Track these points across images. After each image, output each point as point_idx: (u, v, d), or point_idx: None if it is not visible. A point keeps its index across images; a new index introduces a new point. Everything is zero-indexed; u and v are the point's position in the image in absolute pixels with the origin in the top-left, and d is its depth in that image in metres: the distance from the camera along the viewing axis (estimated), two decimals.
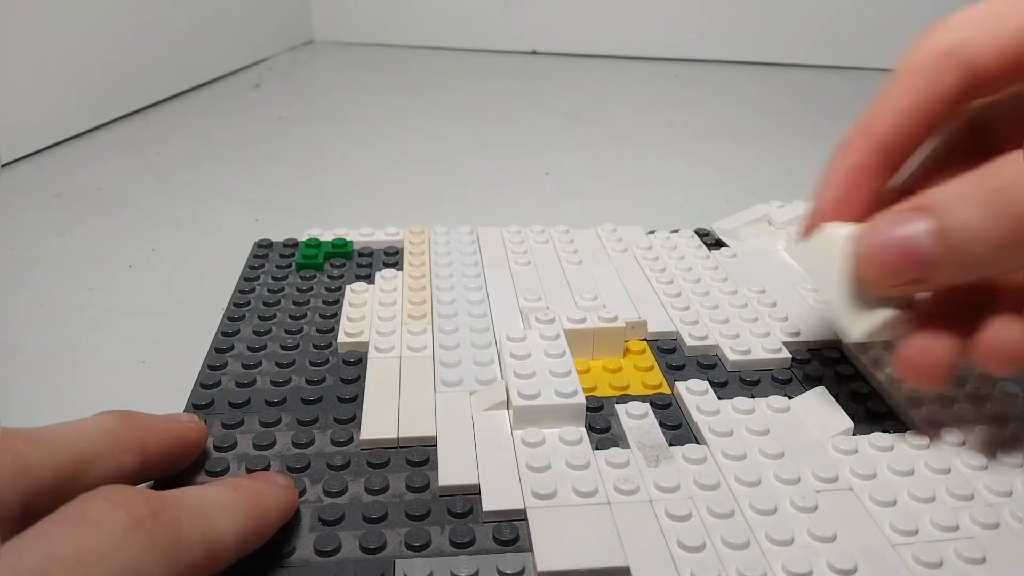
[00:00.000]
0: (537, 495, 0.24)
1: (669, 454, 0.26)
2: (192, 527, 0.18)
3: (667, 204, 0.53)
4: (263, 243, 0.40)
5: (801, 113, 0.76)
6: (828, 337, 0.33)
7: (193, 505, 0.19)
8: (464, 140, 0.66)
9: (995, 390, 0.29)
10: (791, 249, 0.24)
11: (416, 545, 0.22)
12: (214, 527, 0.19)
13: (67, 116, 0.62)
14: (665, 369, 0.31)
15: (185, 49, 0.76)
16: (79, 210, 0.50)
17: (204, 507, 0.19)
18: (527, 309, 0.34)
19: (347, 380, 0.30)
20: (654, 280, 0.37)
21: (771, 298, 0.35)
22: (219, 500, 0.20)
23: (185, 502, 0.19)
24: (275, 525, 0.22)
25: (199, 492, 0.20)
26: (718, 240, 0.42)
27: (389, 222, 0.42)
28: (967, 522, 0.23)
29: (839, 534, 0.22)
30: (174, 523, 0.18)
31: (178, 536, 0.18)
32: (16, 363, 0.34)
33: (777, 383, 0.30)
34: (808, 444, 0.26)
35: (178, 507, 0.18)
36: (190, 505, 0.19)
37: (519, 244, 0.40)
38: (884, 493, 0.24)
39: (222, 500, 0.20)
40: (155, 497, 0.18)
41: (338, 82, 0.85)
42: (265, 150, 0.62)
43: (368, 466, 0.26)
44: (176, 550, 0.18)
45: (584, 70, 0.90)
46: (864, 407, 0.29)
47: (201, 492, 0.21)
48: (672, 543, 0.22)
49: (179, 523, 0.18)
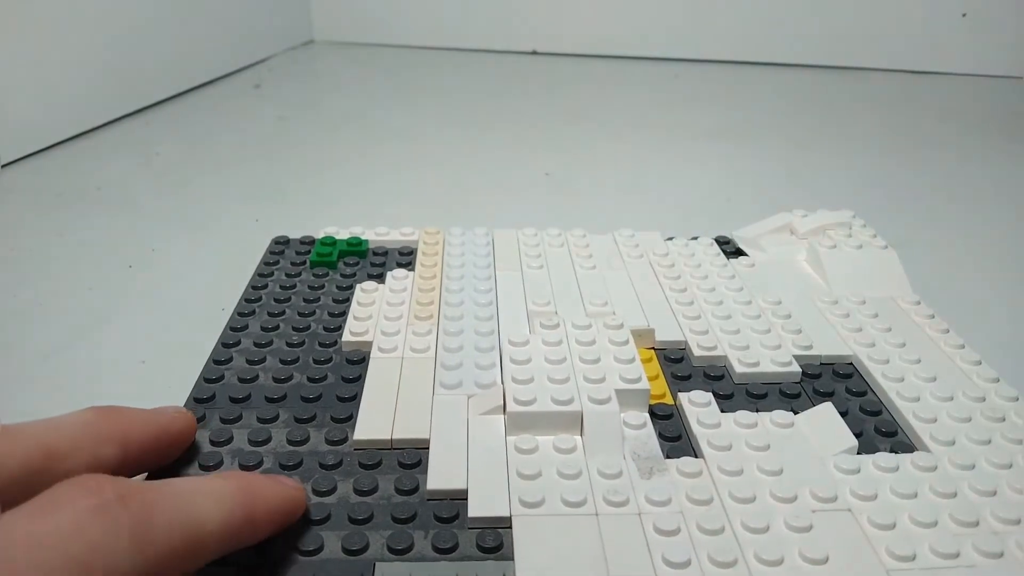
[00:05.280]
0: (524, 503, 0.23)
1: (664, 466, 0.25)
2: (168, 511, 0.18)
3: (667, 204, 0.53)
4: (280, 240, 0.41)
5: (801, 113, 0.75)
6: (841, 351, 0.32)
7: (172, 492, 0.19)
8: (463, 140, 0.66)
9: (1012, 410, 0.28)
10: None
11: (398, 548, 0.22)
12: (195, 512, 0.19)
13: (67, 116, 0.63)
14: (670, 379, 0.31)
15: (185, 49, 0.77)
16: (79, 210, 0.50)
17: (185, 493, 0.19)
18: (534, 313, 0.34)
19: (348, 379, 0.30)
20: (667, 288, 0.36)
21: (786, 310, 0.34)
22: (205, 487, 0.20)
23: (163, 489, 0.19)
24: (273, 518, 0.22)
25: (185, 480, 0.21)
26: (738, 249, 0.41)
27: (388, 222, 0.42)
28: (969, 550, 0.22)
29: (832, 557, 0.22)
30: (145, 507, 0.18)
31: (149, 519, 0.18)
32: (16, 363, 0.34)
33: (785, 397, 0.30)
34: (809, 462, 0.25)
35: (153, 493, 0.18)
36: (169, 492, 0.19)
37: (534, 247, 0.40)
38: (884, 516, 0.23)
39: (208, 487, 0.20)
40: (127, 483, 0.18)
41: (338, 82, 0.85)
42: (265, 150, 0.63)
43: (359, 466, 0.25)
44: (146, 533, 0.17)
45: (584, 70, 0.90)
46: (873, 425, 0.28)
47: (187, 480, 0.21)
48: (657, 558, 0.22)
49: (151, 507, 0.18)
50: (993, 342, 0.35)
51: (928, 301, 0.36)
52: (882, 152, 0.65)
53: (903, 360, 0.31)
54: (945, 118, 0.75)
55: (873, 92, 0.84)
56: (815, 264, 0.39)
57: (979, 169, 0.62)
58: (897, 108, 0.78)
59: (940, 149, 0.66)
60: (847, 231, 0.41)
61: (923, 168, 0.62)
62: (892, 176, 0.60)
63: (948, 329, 0.33)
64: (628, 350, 0.30)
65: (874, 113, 0.76)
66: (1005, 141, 0.69)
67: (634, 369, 0.29)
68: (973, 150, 0.67)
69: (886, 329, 0.33)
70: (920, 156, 0.64)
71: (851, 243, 0.39)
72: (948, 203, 0.55)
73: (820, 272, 0.38)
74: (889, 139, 0.69)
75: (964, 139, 0.69)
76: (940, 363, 0.31)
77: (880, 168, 0.62)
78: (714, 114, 0.74)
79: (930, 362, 0.31)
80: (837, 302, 0.35)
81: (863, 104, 0.79)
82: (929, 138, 0.69)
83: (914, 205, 0.54)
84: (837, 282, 0.37)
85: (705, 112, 0.75)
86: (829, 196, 0.54)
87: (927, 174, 0.61)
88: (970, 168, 0.62)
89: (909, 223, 0.51)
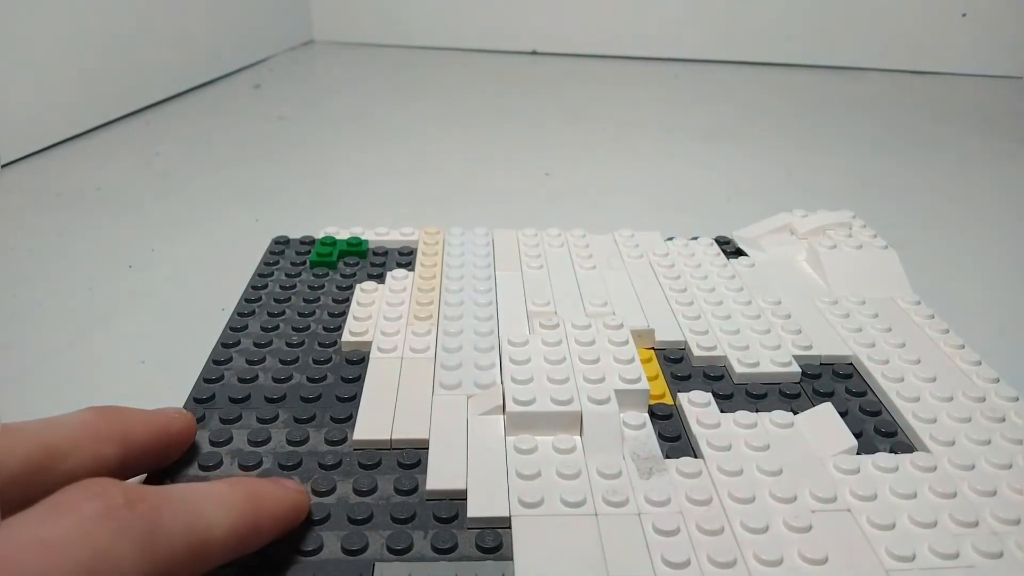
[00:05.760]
0: (524, 503, 0.23)
1: (663, 467, 0.25)
2: (175, 518, 0.18)
3: (667, 204, 0.53)
4: (280, 240, 0.41)
5: (801, 113, 0.75)
6: (841, 351, 0.32)
7: (179, 497, 0.19)
8: (463, 141, 0.66)
9: (1011, 410, 0.28)
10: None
11: (397, 549, 0.22)
12: (201, 519, 0.19)
13: (67, 116, 0.63)
14: (670, 379, 0.31)
15: (185, 49, 0.76)
16: (79, 210, 0.50)
17: (192, 500, 0.19)
18: (534, 313, 0.34)
19: (348, 379, 0.30)
20: (667, 288, 0.36)
21: (786, 310, 0.34)
22: (211, 493, 0.20)
23: (170, 494, 0.19)
24: (278, 524, 0.22)
25: (191, 486, 0.20)
26: (738, 249, 0.41)
27: (388, 222, 0.42)
28: (968, 550, 0.22)
29: (831, 557, 0.22)
30: (152, 512, 0.18)
31: (155, 525, 0.18)
32: (16, 363, 0.34)
33: (784, 397, 0.30)
34: (808, 462, 0.25)
35: (160, 498, 0.18)
36: (175, 497, 0.19)
37: (534, 247, 0.40)
38: (883, 516, 0.23)
39: (215, 494, 0.20)
40: (134, 489, 0.18)
41: (338, 82, 0.85)
42: (265, 150, 0.62)
43: (359, 467, 0.25)
44: (152, 539, 0.17)
45: (584, 70, 0.90)
46: (872, 425, 0.28)
47: (193, 486, 0.21)
48: (656, 558, 0.22)
49: (158, 513, 0.18)
50: (993, 342, 0.35)
51: (928, 301, 0.36)
52: (882, 152, 0.65)
53: (903, 360, 0.31)
54: (945, 118, 0.75)
55: (873, 92, 0.84)
56: (815, 264, 0.39)
57: (979, 169, 0.62)
58: (897, 108, 0.78)
59: (940, 149, 0.66)
60: (847, 231, 0.41)
61: (923, 168, 0.62)
62: (892, 176, 0.60)
63: (948, 329, 0.33)
64: (628, 350, 0.30)
65: (874, 113, 0.76)
66: (1005, 141, 0.69)
67: (634, 369, 0.29)
68: (973, 150, 0.67)
69: (886, 329, 0.33)
70: (920, 156, 0.64)
71: (851, 243, 0.39)
72: (948, 203, 0.55)
73: (820, 272, 0.38)
74: (889, 139, 0.69)
75: (964, 139, 0.69)
76: (940, 363, 0.31)
77: (880, 168, 0.62)
78: (714, 114, 0.74)
79: (930, 362, 0.31)
80: (837, 302, 0.35)
81: (863, 104, 0.79)
82: (929, 138, 0.69)
83: (914, 205, 0.54)
84: (837, 282, 0.37)
85: (705, 112, 0.75)
86: (829, 196, 0.54)
87: (927, 174, 0.61)
88: (970, 168, 0.62)
89: (909, 223, 0.51)
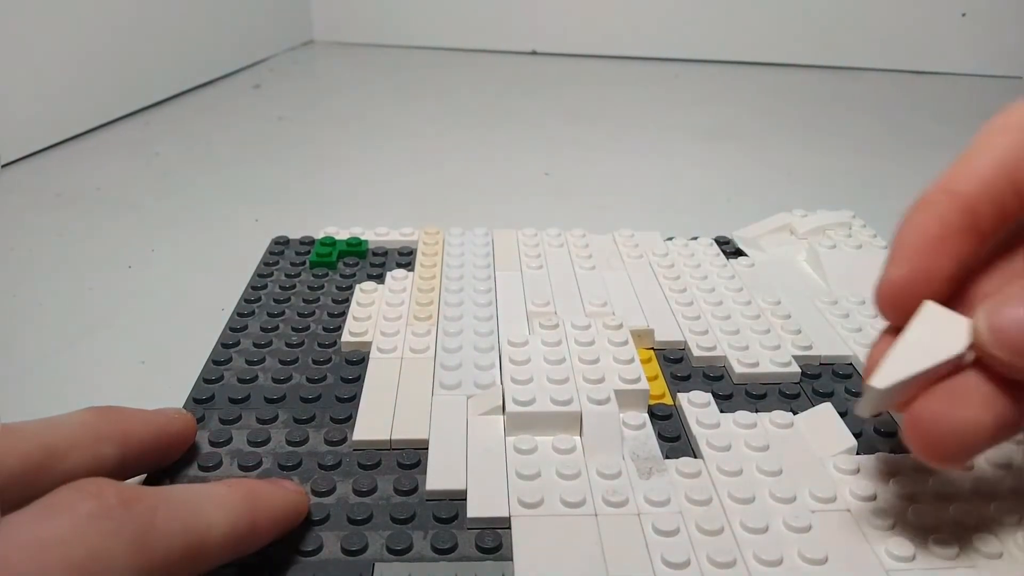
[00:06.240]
0: (523, 503, 0.23)
1: (663, 467, 0.25)
2: (171, 518, 0.18)
3: (667, 205, 0.53)
4: (280, 240, 0.41)
5: (801, 113, 0.75)
6: (841, 351, 0.32)
7: (176, 498, 0.19)
8: (463, 141, 0.66)
9: None
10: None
11: (397, 549, 0.22)
12: (199, 519, 0.19)
13: (67, 116, 0.62)
14: (670, 379, 0.31)
15: (185, 49, 0.76)
16: (79, 210, 0.50)
17: (189, 500, 0.19)
18: (534, 313, 0.34)
19: (347, 380, 0.30)
20: (667, 288, 0.36)
21: (785, 310, 0.34)
22: (209, 494, 0.20)
23: (167, 495, 0.19)
24: (276, 525, 0.22)
25: (189, 487, 0.20)
26: (737, 249, 0.41)
27: (388, 222, 0.42)
28: (968, 550, 0.22)
29: (831, 557, 0.22)
30: (147, 513, 0.18)
31: (150, 526, 0.18)
32: (16, 363, 0.34)
33: (784, 397, 0.30)
34: (808, 462, 0.25)
35: (156, 499, 0.18)
36: (172, 498, 0.19)
37: (533, 247, 0.40)
38: (883, 516, 0.23)
39: (213, 494, 0.20)
40: (130, 489, 0.18)
41: (338, 82, 0.85)
42: (265, 150, 0.62)
43: (358, 467, 0.25)
44: (147, 539, 0.17)
45: (584, 70, 0.90)
46: (872, 425, 0.28)
47: (191, 487, 0.21)
48: (656, 559, 0.22)
49: (154, 512, 0.18)
50: None
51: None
52: (882, 152, 0.65)
53: None
54: (945, 118, 0.75)
55: (872, 92, 0.84)
56: (815, 264, 0.39)
57: None
58: (897, 108, 0.78)
59: (940, 149, 0.66)
60: (847, 231, 0.41)
61: (923, 168, 0.62)
62: (892, 176, 0.60)
63: None
64: (627, 350, 0.30)
65: (874, 113, 0.76)
66: None
67: (633, 369, 0.29)
68: None
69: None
70: (920, 156, 0.64)
71: (851, 243, 0.39)
72: None
73: (820, 272, 0.38)
74: (889, 139, 0.69)
75: (964, 139, 0.68)
76: None
77: (880, 168, 0.61)
78: (714, 114, 0.74)
79: None
80: (837, 302, 0.35)
81: (862, 104, 0.79)
82: (929, 138, 0.69)
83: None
84: (837, 282, 0.37)
85: (705, 112, 0.75)
86: (829, 196, 0.54)
87: (927, 174, 0.60)
88: None
89: None
